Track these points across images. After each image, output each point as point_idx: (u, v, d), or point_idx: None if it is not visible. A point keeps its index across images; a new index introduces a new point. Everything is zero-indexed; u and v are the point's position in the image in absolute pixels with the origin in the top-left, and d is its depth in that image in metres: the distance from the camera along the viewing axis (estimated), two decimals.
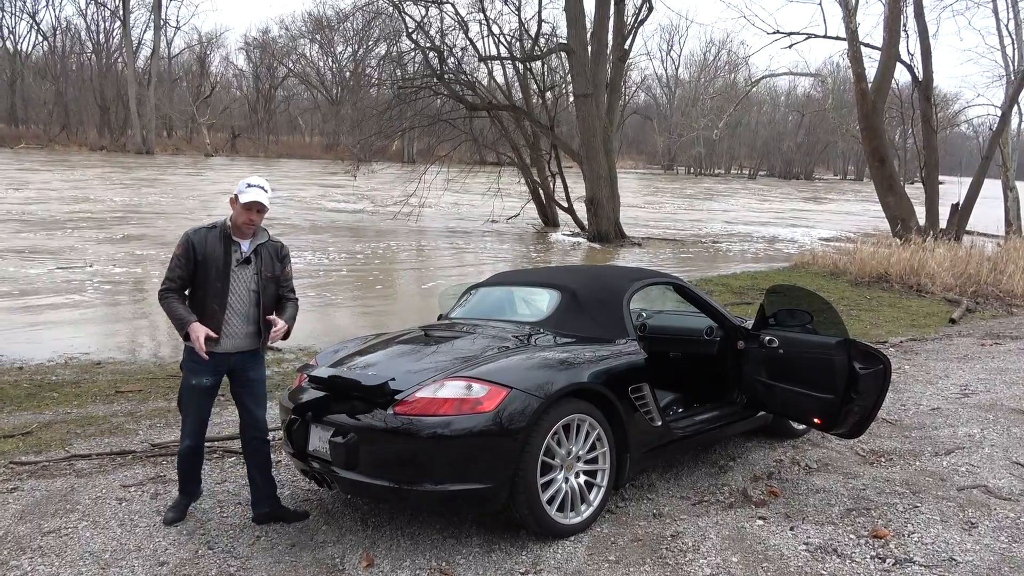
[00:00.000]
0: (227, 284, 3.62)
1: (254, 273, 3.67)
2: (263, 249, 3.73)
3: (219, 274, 3.60)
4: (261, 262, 3.69)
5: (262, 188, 3.63)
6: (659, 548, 3.52)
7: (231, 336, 3.65)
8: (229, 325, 3.63)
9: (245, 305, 3.66)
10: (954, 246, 14.66)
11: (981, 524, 3.73)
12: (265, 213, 3.68)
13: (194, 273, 3.62)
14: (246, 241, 3.68)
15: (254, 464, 3.82)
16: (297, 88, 67.82)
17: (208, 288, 3.61)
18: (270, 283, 3.72)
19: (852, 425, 4.13)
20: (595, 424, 3.68)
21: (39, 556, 3.47)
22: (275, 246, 3.80)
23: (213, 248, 3.61)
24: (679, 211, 30.95)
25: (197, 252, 3.60)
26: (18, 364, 7.26)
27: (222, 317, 3.61)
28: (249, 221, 3.64)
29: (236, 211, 3.64)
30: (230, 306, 3.63)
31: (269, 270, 3.72)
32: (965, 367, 7.18)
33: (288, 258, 3.84)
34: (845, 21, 17.86)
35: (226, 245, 3.63)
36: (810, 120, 66.78)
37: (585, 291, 4.31)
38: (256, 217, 3.64)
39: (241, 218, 3.63)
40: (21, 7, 70.60)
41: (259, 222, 3.69)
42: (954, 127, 34.96)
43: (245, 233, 3.68)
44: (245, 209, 3.60)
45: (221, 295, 3.61)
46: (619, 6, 19.54)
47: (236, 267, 3.64)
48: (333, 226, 20.27)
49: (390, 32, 23.17)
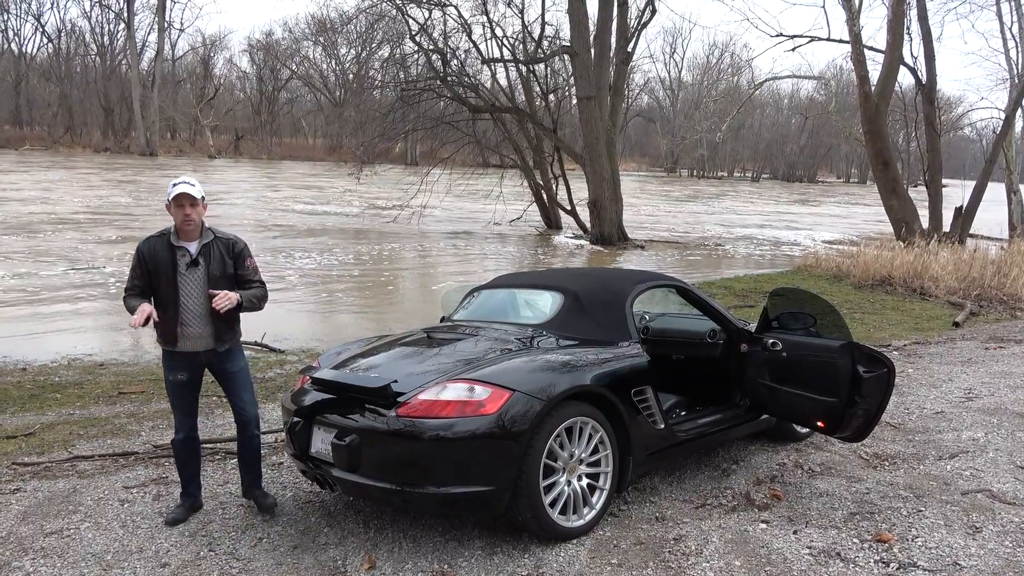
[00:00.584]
0: (176, 288, 3.66)
1: (203, 274, 3.68)
2: (212, 248, 3.72)
3: (168, 280, 3.66)
4: (210, 262, 3.69)
5: (187, 182, 3.65)
6: (662, 551, 3.51)
7: (192, 337, 3.70)
8: (188, 327, 3.69)
9: (200, 306, 3.68)
10: (958, 249, 14.63)
11: (985, 528, 3.72)
12: (200, 207, 3.67)
13: (149, 281, 3.68)
14: (193, 243, 3.69)
15: (238, 455, 4.03)
16: (300, 90, 68.00)
17: (160, 294, 3.68)
18: (220, 281, 3.69)
19: (856, 429, 4.11)
20: (598, 427, 3.67)
21: (41, 557, 3.47)
22: (227, 242, 3.77)
23: (161, 255, 3.66)
24: (682, 214, 30.94)
25: (147, 261, 3.67)
26: (21, 365, 7.27)
27: (178, 320, 3.67)
28: (185, 218, 3.63)
29: (171, 213, 3.67)
30: (186, 308, 3.67)
31: (219, 269, 3.71)
32: (969, 371, 7.16)
33: (244, 252, 3.79)
34: (848, 24, 17.86)
35: (171, 251, 3.67)
36: (813, 123, 66.78)
37: (588, 293, 4.30)
38: (191, 211, 3.63)
39: (177, 217, 3.65)
40: (26, 9, 71.01)
41: (196, 218, 3.66)
42: (958, 130, 34.96)
43: (190, 235, 3.69)
44: (177, 206, 3.62)
45: (173, 299, 3.66)
46: (622, 9, 19.55)
47: (185, 271, 3.66)
48: (337, 229, 20.28)
49: (393, 34, 23.23)
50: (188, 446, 3.87)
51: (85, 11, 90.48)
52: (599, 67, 18.75)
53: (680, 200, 39.55)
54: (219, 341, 3.75)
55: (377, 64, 29.81)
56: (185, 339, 3.69)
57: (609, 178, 18.82)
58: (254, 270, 3.82)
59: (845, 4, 17.93)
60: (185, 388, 3.80)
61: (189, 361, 3.75)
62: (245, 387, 3.90)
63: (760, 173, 78.01)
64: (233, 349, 3.85)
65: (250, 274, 3.79)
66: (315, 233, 18.96)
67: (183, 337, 3.69)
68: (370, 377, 3.63)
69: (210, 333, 3.72)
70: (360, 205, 25.93)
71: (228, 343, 3.79)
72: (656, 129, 76.99)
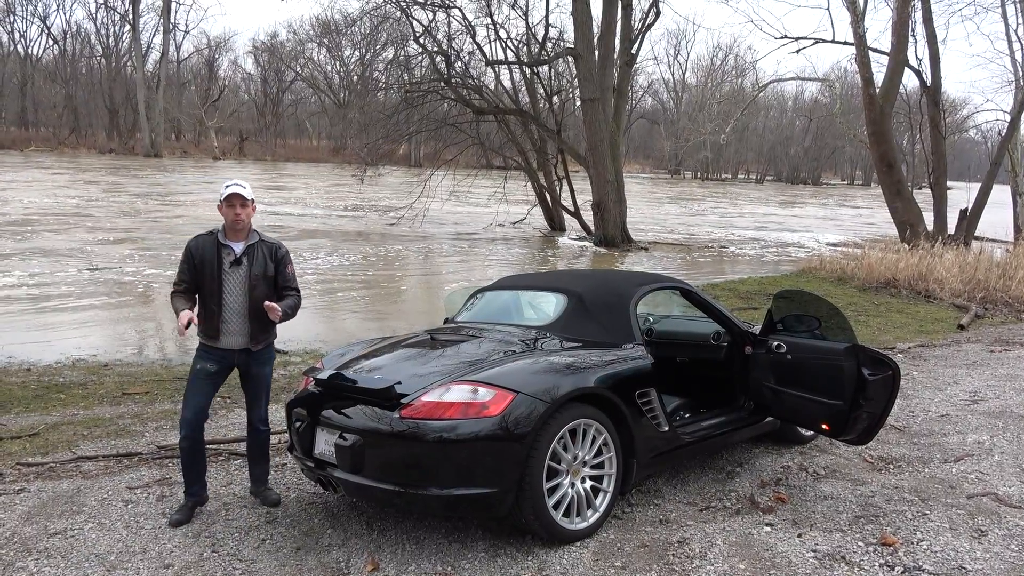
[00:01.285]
0: (220, 285, 3.81)
1: (245, 273, 3.83)
2: (256, 249, 3.88)
3: (213, 276, 3.80)
4: (253, 262, 3.84)
5: (240, 184, 3.83)
6: (666, 554, 3.50)
7: (232, 334, 3.85)
8: (228, 323, 3.83)
9: (240, 304, 3.83)
10: (963, 251, 14.58)
11: (991, 532, 3.70)
12: (250, 207, 3.84)
13: (195, 276, 3.83)
14: (239, 243, 3.85)
15: (248, 448, 4.11)
16: (305, 92, 68.15)
17: (206, 289, 3.84)
18: (261, 282, 3.86)
19: (860, 431, 4.10)
20: (601, 429, 3.66)
21: (45, 557, 3.47)
22: (270, 247, 3.94)
23: (208, 252, 3.82)
24: (685, 215, 30.91)
25: (195, 257, 3.83)
26: (26, 366, 7.29)
27: (220, 316, 3.81)
28: (235, 217, 3.79)
29: (223, 212, 3.83)
30: (227, 306, 3.82)
31: (260, 269, 3.86)
32: (974, 373, 7.13)
33: (286, 259, 3.97)
34: (853, 26, 17.82)
35: (217, 248, 3.83)
36: (817, 125, 66.71)
37: (592, 295, 4.29)
38: (241, 212, 3.79)
39: (228, 216, 3.81)
40: (32, 11, 71.43)
41: (245, 218, 3.82)
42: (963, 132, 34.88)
43: (238, 234, 3.85)
44: (228, 206, 3.79)
45: (217, 295, 3.81)
46: (626, 11, 19.55)
47: (229, 268, 3.82)
48: (340, 230, 20.31)
49: (397, 36, 23.27)
50: (192, 440, 3.84)
51: (91, 13, 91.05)
52: (603, 69, 18.75)
53: (684, 202, 39.52)
54: (254, 341, 3.88)
55: (381, 66, 29.93)
56: (226, 335, 3.83)
57: (613, 180, 18.81)
58: (292, 276, 4.01)
59: (850, 6, 17.90)
60: (208, 379, 3.87)
61: (223, 357, 3.87)
62: (263, 392, 4.03)
63: (764, 175, 77.91)
64: (265, 351, 3.98)
65: (289, 280, 3.96)
66: (317, 235, 18.98)
67: (224, 333, 3.83)
68: (374, 378, 3.63)
69: (247, 332, 3.86)
70: (362, 207, 25.97)
71: (262, 343, 3.93)
72: (660, 131, 76.91)
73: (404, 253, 16.89)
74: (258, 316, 3.84)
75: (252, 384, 3.98)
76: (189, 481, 3.92)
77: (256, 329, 3.87)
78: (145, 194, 27.01)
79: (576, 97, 22.47)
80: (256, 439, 4.06)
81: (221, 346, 3.84)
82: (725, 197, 46.35)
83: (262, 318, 3.85)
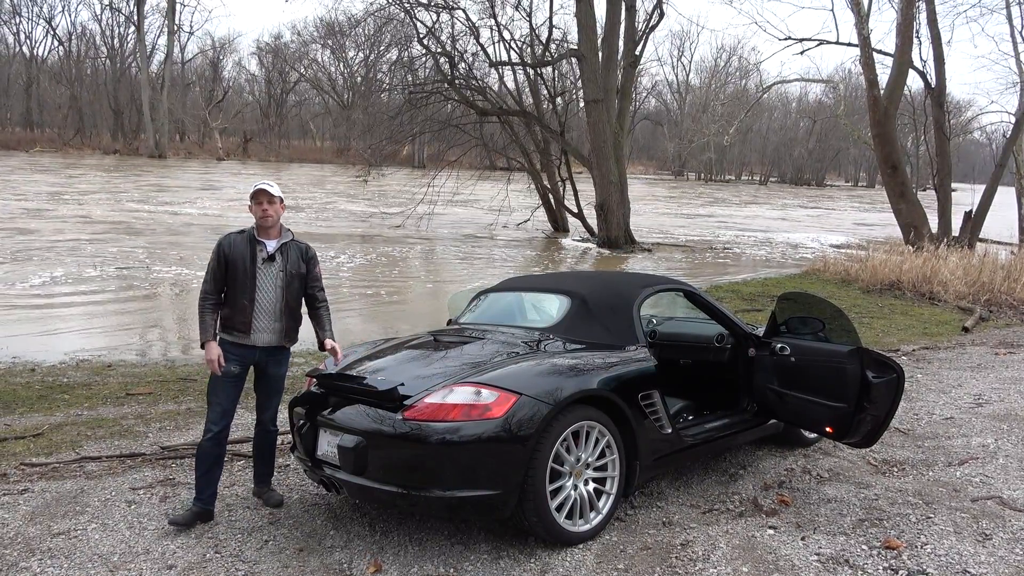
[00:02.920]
0: (254, 281, 3.86)
1: (280, 270, 3.90)
2: (289, 248, 3.95)
3: (246, 272, 3.84)
4: (287, 260, 3.92)
5: (267, 183, 3.90)
6: (668, 557, 3.49)
7: (260, 331, 3.88)
8: (258, 320, 3.86)
9: (272, 301, 3.88)
10: (967, 254, 14.54)
11: (995, 535, 3.68)
12: (278, 205, 3.90)
13: (226, 273, 3.86)
14: (272, 241, 3.91)
15: (256, 447, 4.12)
16: (309, 93, 68.25)
17: (237, 285, 3.85)
18: (295, 280, 3.94)
19: (864, 434, 4.09)
20: (604, 431, 3.66)
21: (48, 558, 3.48)
22: (301, 247, 4.02)
23: (240, 249, 3.87)
24: (689, 217, 30.88)
25: (226, 254, 3.86)
26: (30, 366, 7.30)
27: (252, 311, 3.84)
28: (264, 214, 3.85)
29: (252, 211, 3.89)
30: (258, 302, 3.85)
31: (295, 267, 3.95)
32: (979, 376, 7.11)
33: (315, 260, 4.08)
34: (857, 27, 17.79)
35: (252, 245, 3.88)
36: (821, 126, 66.54)
37: (595, 297, 4.29)
38: (268, 207, 3.85)
39: (256, 213, 3.87)
40: (38, 12, 71.63)
41: (274, 215, 3.88)
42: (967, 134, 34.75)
43: (269, 233, 3.91)
44: (256, 203, 3.85)
45: (250, 291, 3.84)
46: (630, 12, 19.54)
47: (262, 265, 3.87)
48: (343, 232, 20.33)
49: (401, 37, 23.25)
50: (216, 445, 3.80)
51: (96, 14, 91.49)
52: (607, 70, 18.74)
53: (687, 203, 39.48)
54: (287, 338, 3.95)
55: (385, 67, 29.97)
56: (256, 332, 3.85)
57: (616, 181, 18.79)
58: (319, 277, 4.08)
59: (854, 7, 17.87)
60: (233, 383, 3.87)
61: (245, 355, 3.87)
62: (275, 394, 4.06)
63: (768, 176, 77.79)
64: (285, 353, 4.02)
65: (317, 280, 4.06)
66: (321, 237, 19.00)
67: (256, 330, 3.85)
68: (376, 380, 3.63)
69: (278, 329, 3.90)
70: (366, 208, 25.99)
71: (290, 340, 3.98)
72: (664, 132, 76.85)
73: (407, 254, 16.90)
74: (291, 313, 3.92)
75: (268, 384, 4.01)
76: (201, 487, 3.82)
77: (289, 327, 3.93)
78: (147, 195, 27.06)
79: (580, 98, 22.47)
80: (266, 439, 4.09)
81: (250, 343, 3.84)
82: (728, 198, 46.29)
83: (295, 315, 3.94)
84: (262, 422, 4.06)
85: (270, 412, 4.05)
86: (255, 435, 4.12)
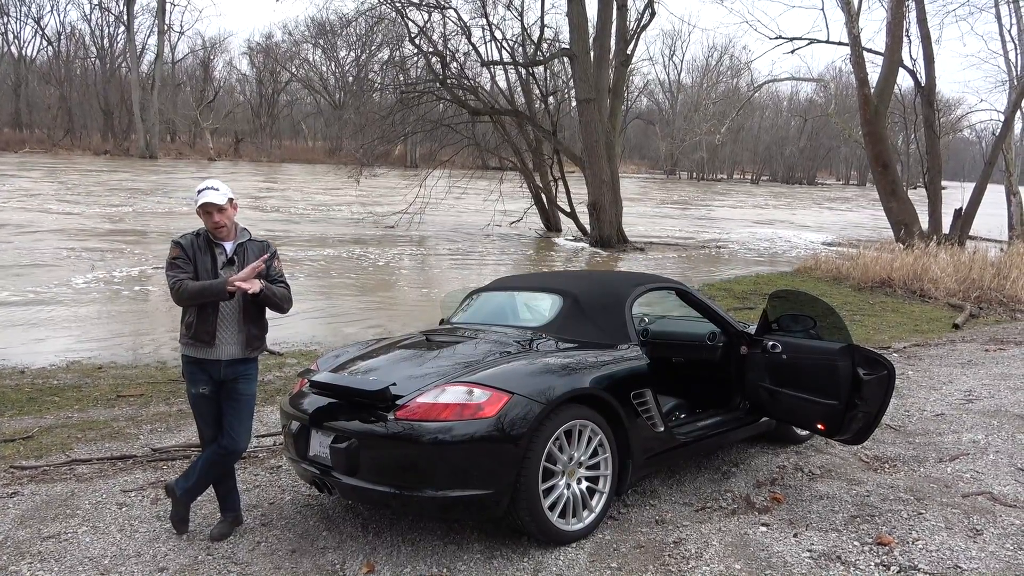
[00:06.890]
0: None
1: (238, 272, 3.60)
2: (247, 248, 3.69)
3: (208, 276, 3.57)
4: (245, 261, 3.64)
5: (212, 188, 3.59)
6: (662, 555, 3.50)
7: (226, 343, 3.61)
8: (222, 330, 3.60)
9: (234, 308, 3.61)
10: (957, 251, 14.62)
11: (986, 531, 3.70)
12: (229, 209, 3.62)
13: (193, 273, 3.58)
14: (228, 242, 3.67)
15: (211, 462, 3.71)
16: (300, 93, 68.02)
17: None
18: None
19: (856, 431, 4.10)
20: (597, 430, 3.66)
21: (38, 561, 3.45)
22: (259, 245, 3.75)
23: (200, 252, 3.62)
24: (681, 216, 30.95)
25: (188, 254, 3.60)
26: (20, 368, 7.25)
27: (215, 320, 3.58)
28: (214, 224, 3.59)
29: (203, 220, 3.63)
30: (221, 309, 3.58)
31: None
32: (969, 373, 7.15)
33: (275, 255, 3.77)
34: (848, 26, 17.87)
35: (211, 248, 3.64)
36: (812, 125, 66.73)
37: (587, 296, 4.29)
38: (219, 217, 3.58)
39: (207, 224, 3.62)
40: (26, 12, 71.20)
41: (227, 223, 3.62)
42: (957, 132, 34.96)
43: (225, 236, 3.66)
44: (205, 214, 3.58)
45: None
46: (622, 11, 19.56)
47: (222, 268, 3.61)
48: (335, 232, 20.28)
49: (393, 37, 23.27)
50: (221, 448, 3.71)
51: (85, 14, 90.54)
52: (598, 70, 18.76)
53: (679, 202, 39.56)
54: (249, 348, 3.66)
55: (376, 67, 29.92)
56: (220, 344, 3.59)
57: (609, 180, 18.82)
58: (280, 272, 3.77)
59: (844, 6, 17.94)
60: (209, 401, 3.66)
61: (212, 371, 3.62)
62: (246, 416, 3.73)
63: (759, 175, 78.03)
64: (252, 365, 3.73)
65: (276, 276, 3.73)
66: (312, 237, 18.95)
67: (220, 342, 3.59)
68: (368, 380, 3.62)
69: (241, 340, 3.63)
70: (358, 208, 25.93)
71: (255, 350, 3.71)
72: (656, 132, 76.96)
73: (400, 254, 16.87)
74: (254, 320, 3.66)
75: (234, 405, 3.66)
76: (220, 495, 3.79)
77: (253, 335, 3.67)
78: (138, 195, 26.93)
79: (572, 98, 22.52)
80: (225, 465, 3.73)
81: (213, 356, 3.58)
82: (720, 197, 46.41)
83: (259, 322, 3.69)
84: (223, 449, 3.66)
85: (238, 445, 3.67)
86: (212, 457, 3.68)
